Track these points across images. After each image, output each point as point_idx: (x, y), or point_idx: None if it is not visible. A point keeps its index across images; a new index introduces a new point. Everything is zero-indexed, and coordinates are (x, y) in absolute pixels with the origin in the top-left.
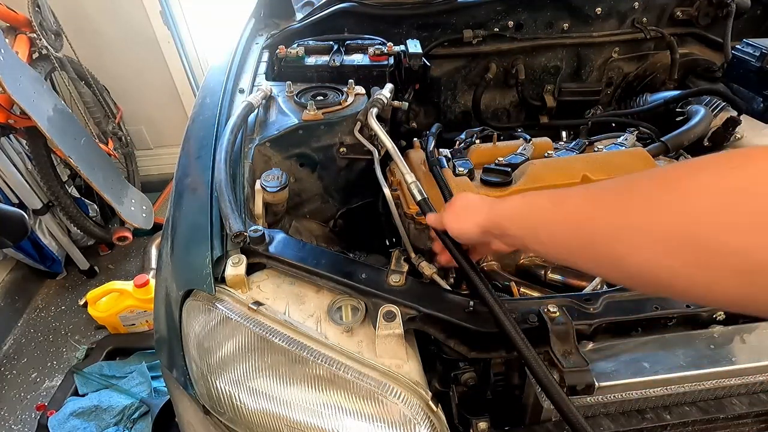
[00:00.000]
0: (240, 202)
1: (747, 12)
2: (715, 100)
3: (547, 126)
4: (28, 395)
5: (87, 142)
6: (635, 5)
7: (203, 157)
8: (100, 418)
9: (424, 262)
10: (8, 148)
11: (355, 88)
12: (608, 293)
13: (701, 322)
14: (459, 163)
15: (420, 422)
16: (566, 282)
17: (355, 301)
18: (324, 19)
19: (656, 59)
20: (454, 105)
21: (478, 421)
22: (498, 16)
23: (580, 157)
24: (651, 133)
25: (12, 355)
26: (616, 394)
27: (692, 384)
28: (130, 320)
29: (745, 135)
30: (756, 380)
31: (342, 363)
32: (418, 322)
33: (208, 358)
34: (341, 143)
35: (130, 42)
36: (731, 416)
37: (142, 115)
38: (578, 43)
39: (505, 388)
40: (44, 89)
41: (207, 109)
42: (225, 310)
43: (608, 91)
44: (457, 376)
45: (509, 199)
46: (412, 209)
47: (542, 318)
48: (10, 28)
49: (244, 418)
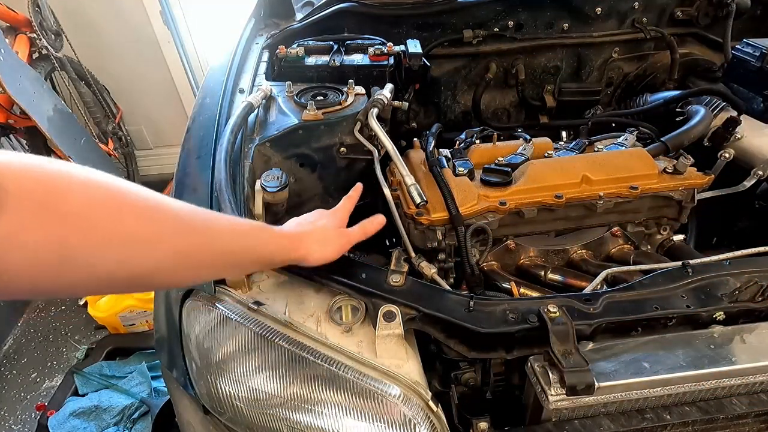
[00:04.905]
0: (240, 202)
1: (747, 12)
2: (715, 100)
3: (547, 126)
4: (28, 395)
5: (87, 142)
6: (635, 5)
7: (203, 157)
8: (100, 418)
9: (424, 262)
10: (8, 148)
11: (355, 88)
12: (608, 293)
13: (701, 322)
14: (459, 163)
15: (420, 422)
16: (566, 282)
17: (355, 301)
18: (324, 19)
19: (656, 59)
20: (454, 105)
21: (478, 421)
22: (498, 16)
23: (580, 157)
24: (651, 133)
25: (12, 355)
26: (616, 394)
27: (692, 384)
28: (130, 320)
29: (745, 135)
30: (756, 380)
31: (342, 363)
32: (418, 322)
33: (208, 358)
34: (341, 143)
35: (130, 42)
36: (731, 416)
37: (142, 115)
38: (578, 43)
39: (505, 388)
40: (44, 89)
41: (207, 109)
42: (225, 310)
43: (608, 91)
44: (457, 376)
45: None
46: (412, 209)
47: (542, 318)
48: (10, 28)
49: (244, 418)
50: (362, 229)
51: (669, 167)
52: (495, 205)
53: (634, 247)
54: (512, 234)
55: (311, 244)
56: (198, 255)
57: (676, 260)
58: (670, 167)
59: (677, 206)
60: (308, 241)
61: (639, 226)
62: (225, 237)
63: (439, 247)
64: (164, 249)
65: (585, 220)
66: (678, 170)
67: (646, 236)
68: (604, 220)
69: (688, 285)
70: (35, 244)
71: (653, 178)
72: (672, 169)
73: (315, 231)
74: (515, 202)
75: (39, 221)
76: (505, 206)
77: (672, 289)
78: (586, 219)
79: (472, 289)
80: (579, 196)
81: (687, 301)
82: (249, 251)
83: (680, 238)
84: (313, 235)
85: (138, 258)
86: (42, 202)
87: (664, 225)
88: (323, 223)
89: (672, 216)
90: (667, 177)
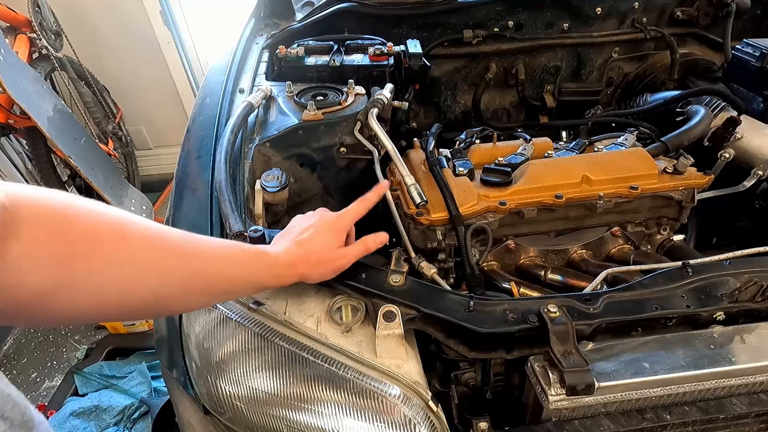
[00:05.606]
0: (240, 202)
1: (747, 12)
2: (715, 100)
3: (547, 126)
4: (28, 395)
5: (87, 142)
6: (635, 5)
7: (203, 157)
8: (100, 418)
9: (424, 262)
10: (8, 148)
11: (355, 88)
12: (608, 293)
13: (701, 322)
14: (459, 163)
15: (420, 422)
16: (566, 282)
17: (355, 301)
18: (324, 19)
19: (656, 59)
20: (454, 105)
21: (478, 421)
22: (498, 16)
23: (580, 157)
24: (651, 133)
25: (12, 355)
26: (616, 394)
27: (692, 384)
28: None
29: (745, 135)
30: (756, 380)
31: (342, 363)
32: (418, 322)
33: (208, 358)
34: (341, 143)
35: (130, 42)
36: (731, 416)
37: (142, 115)
38: (578, 43)
39: (505, 388)
40: (44, 89)
41: (207, 109)
42: (225, 310)
43: (608, 91)
44: (457, 376)
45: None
46: (412, 209)
47: (542, 318)
48: (10, 28)
49: (244, 418)
50: (364, 245)
51: (669, 167)
52: (495, 205)
53: (634, 247)
54: (512, 234)
55: (306, 269)
56: (196, 281)
57: (676, 260)
58: (670, 167)
59: (677, 206)
60: (302, 266)
61: (639, 226)
62: (221, 264)
63: (439, 247)
64: (166, 273)
65: (585, 220)
66: (678, 170)
67: (646, 236)
68: (604, 220)
69: (688, 285)
70: (47, 268)
71: (653, 178)
72: (672, 169)
73: (311, 254)
74: (515, 202)
75: (50, 246)
76: (505, 206)
77: (672, 289)
78: (586, 219)
79: (472, 289)
80: (579, 196)
81: (687, 301)
82: (244, 279)
83: (680, 238)
84: (309, 258)
85: (141, 280)
86: (53, 229)
87: (664, 225)
88: (321, 241)
89: (672, 216)
90: (667, 177)
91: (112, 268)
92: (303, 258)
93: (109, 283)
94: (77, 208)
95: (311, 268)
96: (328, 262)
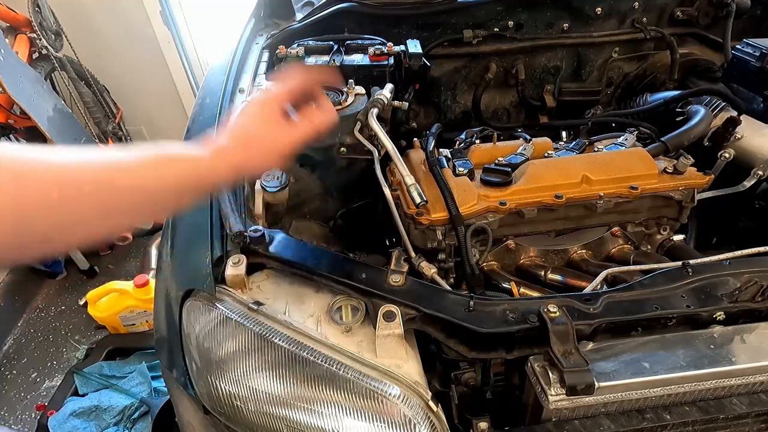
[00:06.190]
0: (240, 202)
1: (747, 12)
2: (715, 100)
3: (547, 126)
4: (28, 395)
5: (87, 142)
6: (635, 5)
7: None
8: (100, 418)
9: (424, 262)
10: None
11: (355, 88)
12: (608, 293)
13: (701, 322)
14: (459, 163)
15: (420, 422)
16: (566, 282)
17: (355, 301)
18: (324, 19)
19: (656, 59)
20: (454, 105)
21: (478, 421)
22: (498, 16)
23: (580, 157)
24: (651, 133)
25: (12, 355)
26: (616, 394)
27: (692, 384)
28: (130, 320)
29: (745, 135)
30: (756, 380)
31: (342, 363)
32: (418, 322)
33: (208, 358)
34: (341, 143)
35: (130, 42)
36: (731, 416)
37: (142, 115)
38: (578, 43)
39: (505, 388)
40: (44, 89)
41: (207, 109)
42: (225, 310)
43: (608, 91)
44: (457, 376)
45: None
46: (412, 209)
47: (542, 318)
48: (10, 28)
49: (244, 418)
50: (310, 123)
51: (669, 167)
52: (495, 205)
53: (634, 247)
54: (512, 234)
55: (239, 157)
56: (104, 200)
57: (676, 260)
58: (670, 167)
59: (677, 206)
60: (232, 155)
61: (639, 226)
62: (131, 174)
63: (439, 247)
64: (87, 201)
65: (585, 220)
66: (678, 170)
67: (646, 236)
68: (604, 220)
69: (688, 285)
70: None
71: (653, 178)
72: (672, 169)
73: (236, 137)
74: (515, 202)
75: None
76: (505, 206)
77: (672, 289)
78: (586, 219)
79: (472, 289)
80: (579, 196)
81: (687, 301)
82: (165, 185)
83: (680, 238)
84: (236, 143)
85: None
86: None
87: (664, 225)
88: (246, 121)
89: (672, 216)
90: (667, 177)
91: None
92: (231, 147)
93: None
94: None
95: (246, 152)
96: (265, 140)
